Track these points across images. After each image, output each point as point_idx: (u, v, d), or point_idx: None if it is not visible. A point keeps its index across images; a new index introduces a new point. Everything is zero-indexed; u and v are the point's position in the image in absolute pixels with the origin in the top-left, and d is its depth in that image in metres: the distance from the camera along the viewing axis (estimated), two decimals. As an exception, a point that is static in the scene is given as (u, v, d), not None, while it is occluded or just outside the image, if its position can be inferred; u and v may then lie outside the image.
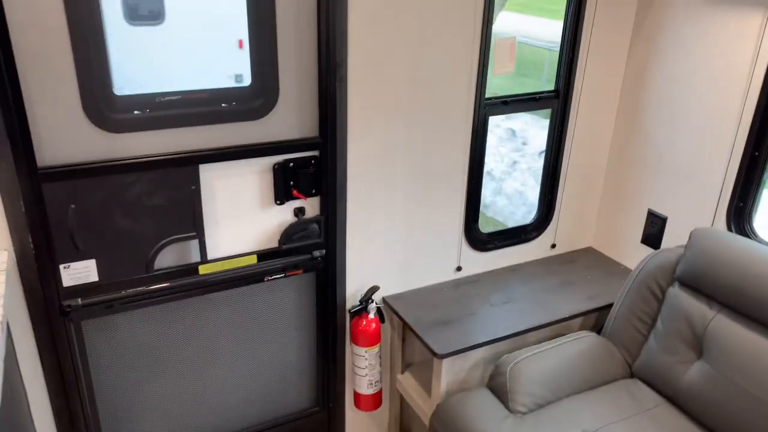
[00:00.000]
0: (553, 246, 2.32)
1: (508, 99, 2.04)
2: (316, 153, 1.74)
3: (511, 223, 4.96)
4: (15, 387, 1.49)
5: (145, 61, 1.57)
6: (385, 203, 1.90)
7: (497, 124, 6.38)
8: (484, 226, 2.18)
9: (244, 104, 1.62)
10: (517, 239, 2.25)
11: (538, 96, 2.09)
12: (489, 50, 1.87)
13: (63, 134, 1.42)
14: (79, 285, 1.54)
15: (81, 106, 1.41)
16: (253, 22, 1.55)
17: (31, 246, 1.44)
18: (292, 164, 1.72)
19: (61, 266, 1.51)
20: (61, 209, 1.46)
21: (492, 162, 5.95)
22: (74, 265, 1.52)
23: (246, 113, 1.62)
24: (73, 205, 1.47)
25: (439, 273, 2.12)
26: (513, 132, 6.48)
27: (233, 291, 1.77)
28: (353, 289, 1.96)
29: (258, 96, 1.62)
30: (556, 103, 2.11)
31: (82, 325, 1.59)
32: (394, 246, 1.98)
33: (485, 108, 1.95)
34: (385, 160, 1.84)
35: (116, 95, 1.46)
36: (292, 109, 1.67)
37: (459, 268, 2.14)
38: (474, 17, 1.79)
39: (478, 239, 2.15)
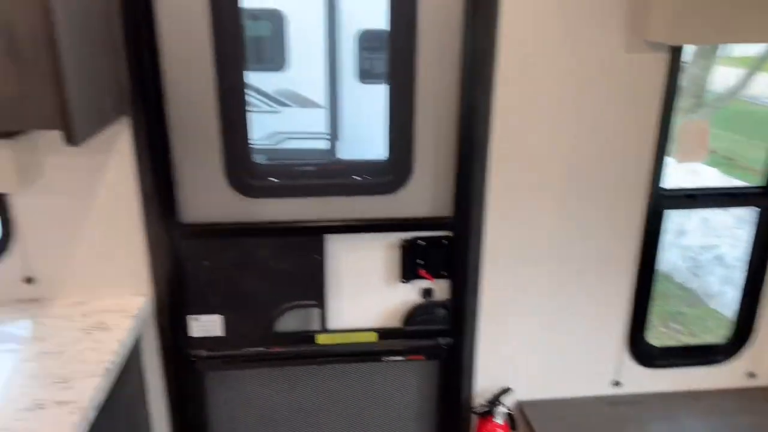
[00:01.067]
0: (752, 375, 1.84)
1: (697, 192, 1.70)
2: (448, 233, 1.63)
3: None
4: (141, 423, 1.61)
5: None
6: (526, 294, 1.69)
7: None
8: (704, 319, 1.80)
9: (377, 178, 1.59)
10: (701, 359, 1.83)
11: (740, 192, 1.71)
12: (668, 134, 1.58)
13: (204, 195, 1.53)
14: (205, 337, 1.63)
15: (223, 171, 1.51)
16: (393, 97, 1.52)
17: (167, 295, 1.56)
18: (421, 243, 1.63)
19: (191, 317, 1.61)
20: (195, 264, 1.57)
21: (725, 246, 5.13)
22: (203, 317, 1.62)
23: (378, 187, 1.58)
24: (206, 262, 1.57)
25: (591, 384, 1.81)
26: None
27: (349, 366, 1.72)
28: (482, 386, 1.77)
29: (392, 171, 1.58)
30: (766, 202, 1.70)
31: (205, 375, 1.68)
32: (534, 343, 1.75)
33: (661, 200, 1.65)
34: (528, 246, 1.65)
35: (255, 163, 1.54)
36: (426, 186, 1.59)
37: (617, 383, 1.81)
38: (650, 94, 1.54)
39: (646, 352, 1.80)
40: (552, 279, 1.69)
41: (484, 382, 1.76)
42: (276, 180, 1.56)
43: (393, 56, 1.49)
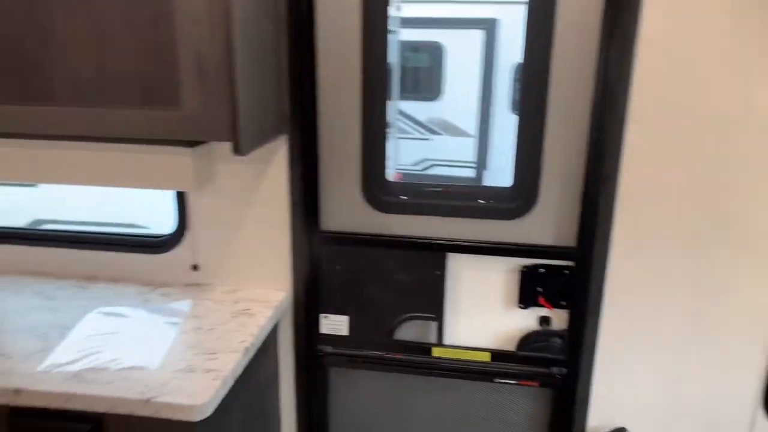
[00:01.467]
0: None
1: None
2: (570, 263, 1.65)
3: None
4: (271, 405, 1.81)
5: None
6: (649, 331, 1.64)
7: None
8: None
9: (501, 203, 1.66)
10: None
11: None
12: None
13: (342, 207, 1.71)
14: (332, 335, 1.80)
15: (360, 187, 1.68)
16: (523, 125, 1.59)
17: (303, 293, 1.76)
18: (542, 270, 1.66)
19: (322, 315, 1.79)
20: (330, 268, 1.75)
21: None
22: (332, 317, 1.79)
23: (501, 212, 1.65)
24: (338, 267, 1.74)
25: (719, 439, 1.69)
26: None
27: (461, 382, 1.78)
28: (595, 422, 1.73)
29: (516, 197, 1.64)
30: None
31: (329, 370, 1.84)
32: (655, 386, 1.68)
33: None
34: (655, 287, 1.61)
35: (389, 181, 1.69)
36: (550, 215, 1.63)
37: (750, 442, 1.67)
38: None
39: (788, 414, 1.65)
40: (680, 318, 1.62)
41: (598, 418, 1.73)
42: (406, 198, 1.69)
43: (526, 85, 1.56)
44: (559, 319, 1.70)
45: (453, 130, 4.99)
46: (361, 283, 1.75)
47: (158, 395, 1.26)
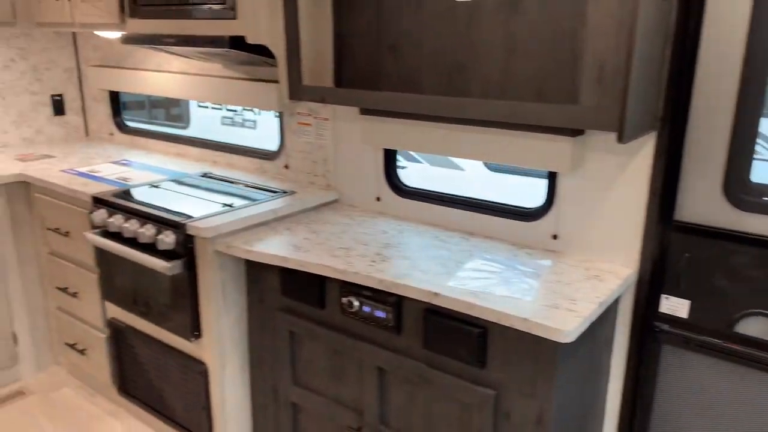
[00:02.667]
0: None
1: None
2: None
3: None
4: (602, 367, 2.09)
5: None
6: None
7: None
8: None
9: None
10: None
11: None
12: None
13: (700, 201, 1.89)
14: (670, 315, 1.99)
15: (721, 184, 1.84)
16: None
17: (649, 272, 1.99)
18: None
19: (663, 296, 1.99)
20: (678, 254, 1.94)
21: None
22: (673, 299, 1.98)
23: None
24: (687, 255, 1.92)
25: None
26: None
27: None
28: None
29: None
30: None
31: (662, 347, 2.04)
32: None
33: None
34: None
35: (752, 182, 1.80)
36: None
37: None
38: None
39: None
40: None
41: None
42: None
43: None
44: None
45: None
46: (709, 273, 1.90)
47: (533, 317, 1.67)
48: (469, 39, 2.15)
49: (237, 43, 2.33)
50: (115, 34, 3.12)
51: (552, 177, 2.17)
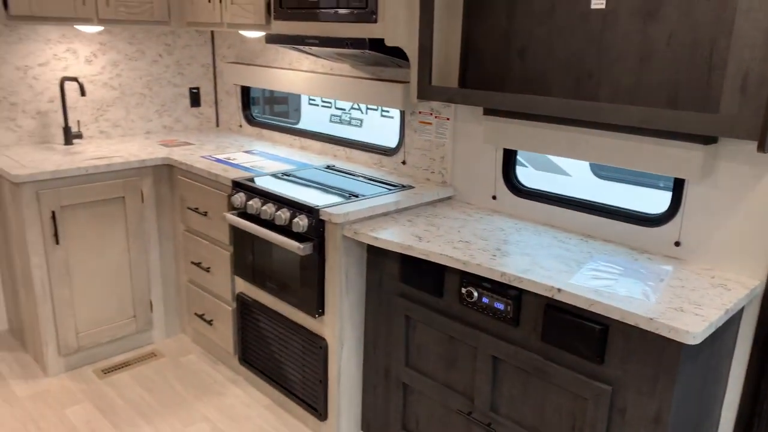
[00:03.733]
0: None
1: None
2: None
3: None
4: (722, 376, 2.09)
5: None
6: None
7: None
8: None
9: None
10: None
11: None
12: None
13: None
14: (799, 330, 1.96)
15: None
16: None
17: (778, 285, 1.97)
18: None
19: (793, 309, 1.97)
20: (812, 268, 1.92)
21: None
22: (803, 313, 1.95)
23: None
24: (822, 269, 1.89)
25: None
26: None
27: None
28: None
29: None
30: None
31: (787, 361, 2.01)
32: None
33: None
34: None
35: None
36: None
37: None
38: None
39: None
40: None
41: None
42: None
43: None
44: None
45: None
46: None
47: (659, 317, 1.72)
48: (602, 45, 2.20)
49: (375, 45, 2.51)
50: (258, 34, 3.41)
51: (678, 184, 2.19)
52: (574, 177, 4.60)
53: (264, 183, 2.90)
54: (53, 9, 3.14)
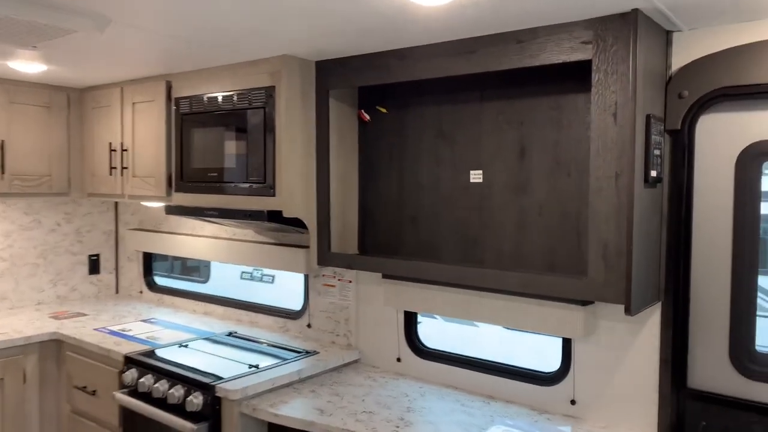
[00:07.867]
0: None
1: None
2: None
3: None
4: None
5: None
6: None
7: None
8: None
9: None
10: None
11: None
12: None
13: (709, 369, 1.98)
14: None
15: (727, 353, 1.95)
16: None
17: (668, 440, 2.03)
18: None
19: (685, 465, 2.01)
20: (694, 422, 1.99)
21: None
22: (695, 468, 1.99)
23: None
24: (704, 423, 1.98)
25: None
26: None
27: None
28: None
29: None
30: None
31: None
32: None
33: None
34: None
35: (758, 352, 1.91)
36: None
37: None
38: None
39: None
40: None
41: None
42: (776, 370, 1.88)
43: None
44: None
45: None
46: (728, 439, 1.94)
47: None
48: (482, 214, 2.39)
49: (274, 216, 2.58)
50: (160, 204, 3.44)
51: (567, 343, 2.28)
52: (482, 328, 4.70)
53: (160, 356, 2.76)
54: (-59, 184, 3.05)
